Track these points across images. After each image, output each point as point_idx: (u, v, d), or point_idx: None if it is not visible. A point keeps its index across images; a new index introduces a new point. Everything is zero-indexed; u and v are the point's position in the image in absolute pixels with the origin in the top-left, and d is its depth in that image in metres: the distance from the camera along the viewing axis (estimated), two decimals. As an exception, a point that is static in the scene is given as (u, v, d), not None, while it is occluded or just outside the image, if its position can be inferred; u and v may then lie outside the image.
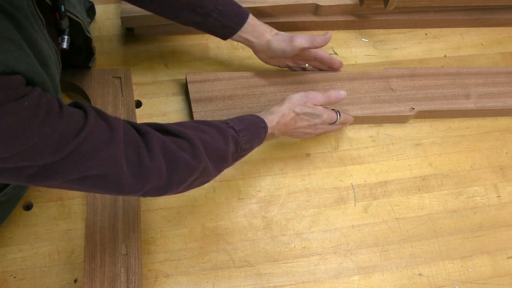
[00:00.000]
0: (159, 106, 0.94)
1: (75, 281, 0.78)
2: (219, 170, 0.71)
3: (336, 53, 1.04)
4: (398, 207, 0.89)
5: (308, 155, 0.92)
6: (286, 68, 0.96)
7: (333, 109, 0.87)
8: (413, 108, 0.95)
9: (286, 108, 0.81)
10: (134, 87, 0.95)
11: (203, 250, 0.83)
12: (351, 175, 0.91)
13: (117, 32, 1.01)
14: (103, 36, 1.00)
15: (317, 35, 0.87)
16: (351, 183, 0.91)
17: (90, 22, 1.01)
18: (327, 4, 1.01)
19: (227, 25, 0.85)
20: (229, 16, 0.84)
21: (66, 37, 0.74)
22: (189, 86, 0.93)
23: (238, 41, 0.88)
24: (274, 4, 1.00)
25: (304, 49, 0.89)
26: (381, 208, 0.89)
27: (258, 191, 0.88)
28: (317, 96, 0.84)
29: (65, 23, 0.73)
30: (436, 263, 0.86)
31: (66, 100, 0.93)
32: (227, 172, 0.89)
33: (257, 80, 0.95)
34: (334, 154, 0.93)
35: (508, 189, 0.94)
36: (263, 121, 0.77)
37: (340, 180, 0.91)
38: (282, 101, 0.83)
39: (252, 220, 0.86)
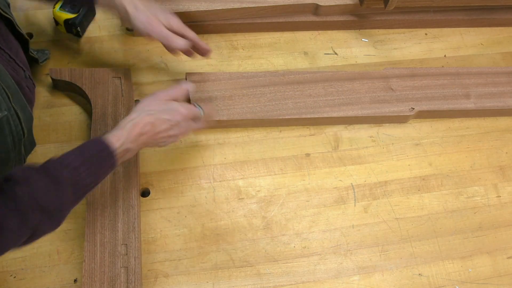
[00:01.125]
0: (159, 106, 0.94)
1: (75, 281, 0.78)
2: (57, 222, 0.65)
3: (336, 53, 1.04)
4: (398, 207, 0.89)
5: (308, 155, 0.92)
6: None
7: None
8: (413, 108, 0.95)
9: (136, 114, 0.72)
10: (134, 87, 0.95)
11: (203, 250, 0.83)
12: (351, 175, 0.91)
13: (117, 32, 1.01)
14: (103, 36, 1.00)
15: (176, 37, 0.81)
16: (351, 183, 0.91)
17: (89, 22, 1.01)
18: (327, 4, 1.01)
19: None
20: None
21: None
22: (189, 86, 0.93)
23: (103, 6, 0.82)
24: (274, 4, 1.00)
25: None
26: (381, 208, 0.89)
27: (258, 191, 0.88)
28: (167, 91, 0.76)
29: None
30: (436, 263, 0.86)
31: (66, 101, 0.93)
32: (227, 172, 0.89)
33: (257, 80, 0.95)
34: (334, 154, 0.93)
35: (508, 189, 0.94)
36: (107, 146, 0.68)
37: (340, 180, 0.91)
38: (132, 109, 0.74)
39: (252, 220, 0.86)
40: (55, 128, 0.90)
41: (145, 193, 0.86)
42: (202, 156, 0.90)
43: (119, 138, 0.69)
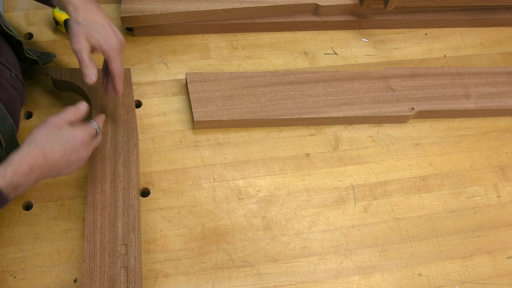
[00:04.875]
0: (159, 106, 0.94)
1: (75, 281, 0.78)
2: None
3: (336, 53, 1.04)
4: (398, 207, 0.89)
5: (308, 155, 0.92)
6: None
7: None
8: (413, 108, 0.95)
9: (25, 148, 0.64)
10: (134, 87, 0.95)
11: (203, 250, 0.83)
12: (351, 175, 0.91)
13: (117, 32, 1.01)
14: (103, 36, 1.00)
15: (87, 67, 0.72)
16: (351, 183, 0.91)
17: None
18: (327, 4, 1.01)
19: None
20: None
21: None
22: (189, 86, 0.93)
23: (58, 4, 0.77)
24: (274, 4, 1.00)
25: None
26: (381, 208, 0.89)
27: (258, 191, 0.88)
28: (60, 115, 0.69)
29: None
30: (436, 263, 0.86)
31: (66, 101, 0.93)
32: (227, 172, 0.89)
33: (257, 80, 0.95)
34: (334, 154, 0.93)
35: (508, 189, 0.94)
36: None
37: (340, 180, 0.91)
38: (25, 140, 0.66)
39: (252, 220, 0.86)
40: (55, 128, 0.90)
41: (145, 193, 0.86)
42: (202, 156, 0.90)
43: (4, 175, 0.62)
